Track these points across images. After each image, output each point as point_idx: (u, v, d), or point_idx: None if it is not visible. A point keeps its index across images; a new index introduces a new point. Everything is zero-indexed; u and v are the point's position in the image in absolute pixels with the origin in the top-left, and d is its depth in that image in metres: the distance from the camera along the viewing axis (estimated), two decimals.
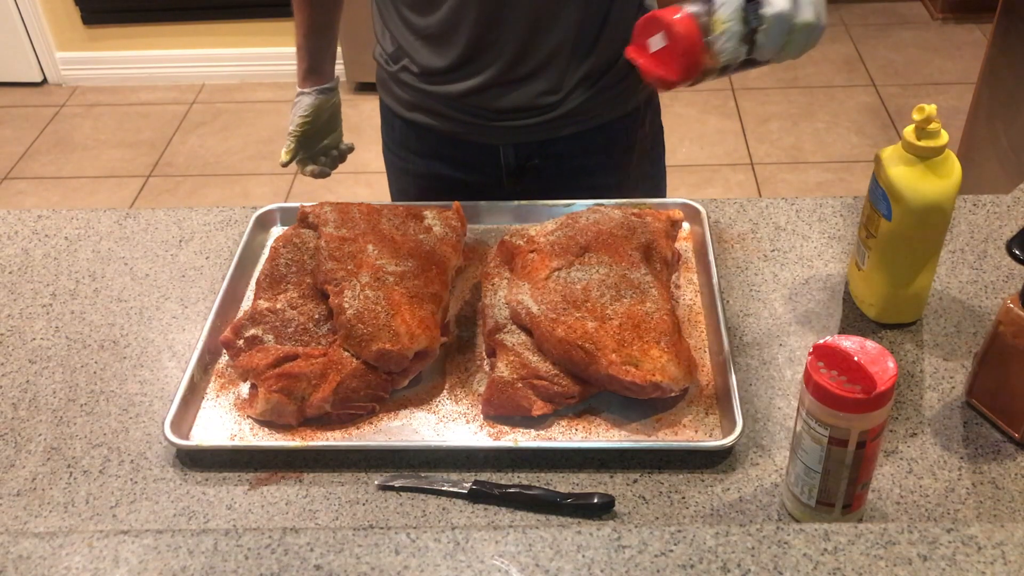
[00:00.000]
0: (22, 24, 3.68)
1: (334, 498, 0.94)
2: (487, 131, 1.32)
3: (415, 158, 1.42)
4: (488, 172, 1.37)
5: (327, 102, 1.39)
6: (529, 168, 1.36)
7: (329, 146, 1.43)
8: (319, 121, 1.40)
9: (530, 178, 1.37)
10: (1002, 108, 2.43)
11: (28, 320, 1.18)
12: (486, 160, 1.36)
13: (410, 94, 1.34)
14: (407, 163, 1.43)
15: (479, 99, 1.28)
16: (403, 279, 1.05)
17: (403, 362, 1.01)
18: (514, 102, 1.28)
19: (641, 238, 1.10)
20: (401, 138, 1.42)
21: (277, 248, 1.14)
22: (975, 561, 0.72)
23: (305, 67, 1.38)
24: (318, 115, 1.39)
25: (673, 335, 0.99)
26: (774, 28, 0.89)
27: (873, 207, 1.05)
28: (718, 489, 0.93)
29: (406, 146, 1.42)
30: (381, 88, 1.42)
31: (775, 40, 0.91)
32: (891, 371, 0.78)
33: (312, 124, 1.38)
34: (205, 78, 3.77)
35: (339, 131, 1.45)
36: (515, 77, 1.26)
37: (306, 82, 1.39)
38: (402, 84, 1.34)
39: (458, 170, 1.39)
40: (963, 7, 3.88)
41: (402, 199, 1.45)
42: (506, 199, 1.31)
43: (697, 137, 3.31)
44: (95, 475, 0.97)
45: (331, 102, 1.41)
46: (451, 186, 1.39)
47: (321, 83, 1.39)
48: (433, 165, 1.40)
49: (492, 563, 0.75)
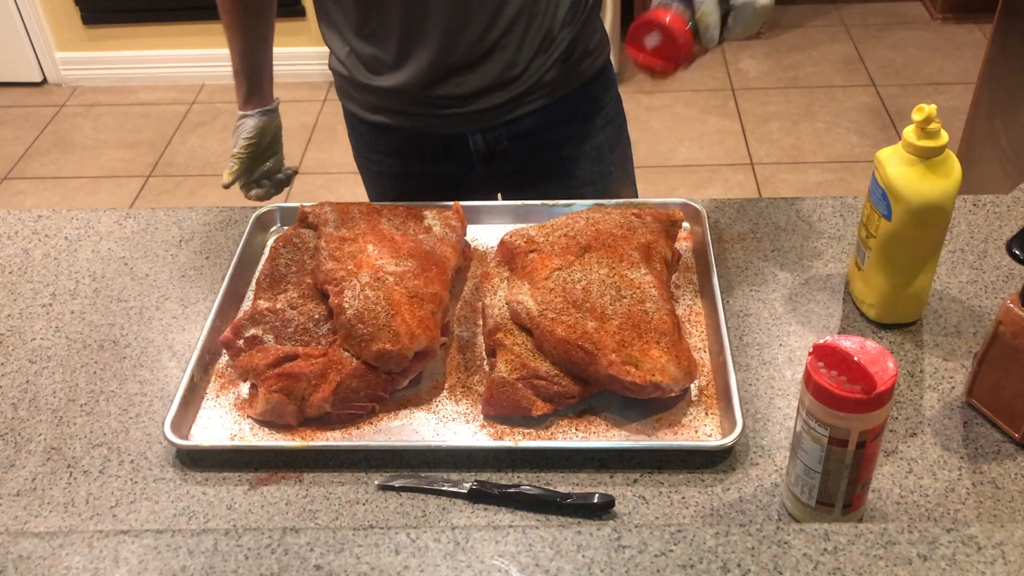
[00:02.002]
0: (22, 24, 3.68)
1: (334, 498, 0.94)
2: (453, 121, 1.35)
3: (386, 159, 1.45)
4: (460, 161, 1.40)
5: (270, 123, 1.41)
6: (499, 151, 1.39)
7: (272, 169, 1.44)
8: (263, 143, 1.41)
9: (500, 160, 1.40)
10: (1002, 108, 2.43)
11: (28, 320, 1.18)
12: (456, 149, 1.38)
13: (369, 97, 1.37)
14: (380, 166, 1.47)
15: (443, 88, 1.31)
16: (403, 279, 1.05)
17: (403, 362, 1.01)
18: (476, 84, 1.30)
19: (641, 238, 1.10)
20: (370, 142, 1.45)
21: (277, 248, 1.15)
22: (975, 561, 0.72)
23: (244, 91, 1.40)
24: (262, 136, 1.40)
25: (673, 335, 0.99)
26: (742, 13, 1.05)
27: (873, 207, 1.05)
28: (718, 489, 0.93)
29: (375, 149, 1.45)
30: (342, 96, 1.45)
31: (743, 22, 1.06)
32: (891, 371, 0.78)
33: (257, 145, 1.39)
34: (205, 78, 3.77)
35: (280, 154, 1.47)
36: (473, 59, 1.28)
37: (247, 105, 1.40)
38: (360, 88, 1.38)
39: (430, 164, 1.42)
40: (963, 7, 3.88)
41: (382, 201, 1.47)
42: (480, 184, 1.36)
43: (697, 137, 3.31)
44: (95, 475, 0.97)
45: (274, 123, 1.42)
46: (426, 181, 1.43)
47: (263, 105, 1.40)
48: (405, 163, 1.44)
49: (492, 563, 0.75)
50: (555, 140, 1.40)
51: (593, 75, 1.40)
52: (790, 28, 3.95)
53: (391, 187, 1.47)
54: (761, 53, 3.79)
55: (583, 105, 1.41)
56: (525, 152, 1.40)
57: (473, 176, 1.42)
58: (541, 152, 1.41)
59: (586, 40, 1.36)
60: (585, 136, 1.42)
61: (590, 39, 1.37)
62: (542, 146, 1.40)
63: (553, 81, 1.34)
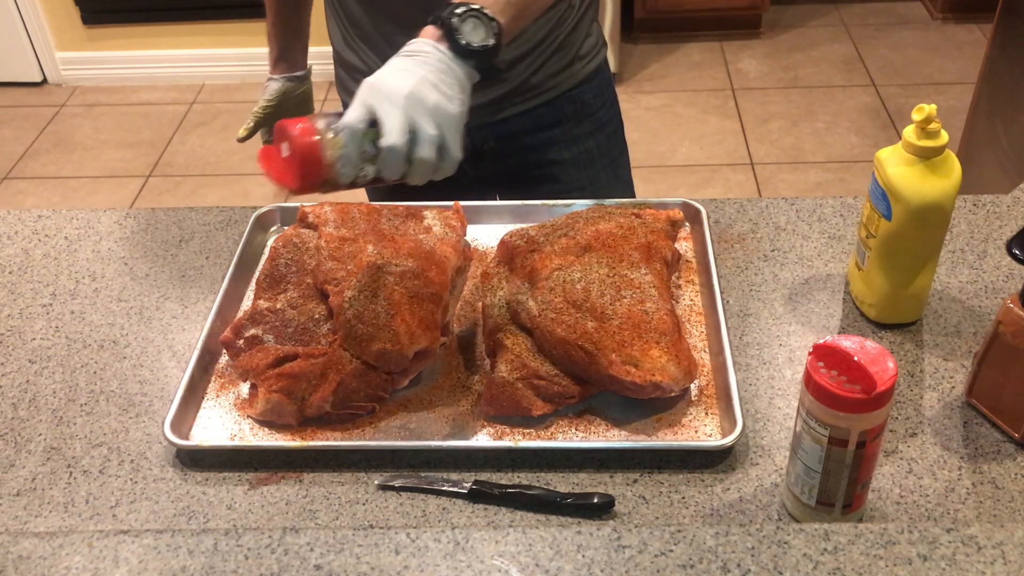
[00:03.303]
0: (22, 24, 3.68)
1: (334, 498, 0.94)
2: None
3: None
4: None
5: (295, 89, 1.41)
6: (486, 151, 1.39)
7: None
8: (285, 107, 1.41)
9: (489, 161, 1.40)
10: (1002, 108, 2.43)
11: (28, 320, 1.18)
12: None
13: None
14: None
15: None
16: (403, 279, 1.05)
17: (403, 362, 1.01)
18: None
19: (641, 238, 1.10)
20: None
21: (277, 248, 1.14)
22: (975, 561, 0.72)
23: (275, 55, 1.41)
24: (283, 101, 1.41)
25: (673, 335, 0.99)
26: (388, 159, 0.90)
27: (873, 207, 1.05)
28: (718, 489, 0.93)
29: None
30: (340, 88, 1.45)
31: (391, 170, 0.92)
32: (891, 371, 0.78)
33: (277, 108, 1.40)
34: (205, 78, 3.77)
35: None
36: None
37: (276, 69, 1.41)
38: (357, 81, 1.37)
39: None
40: (963, 7, 3.88)
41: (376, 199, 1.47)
42: (470, 184, 1.35)
43: (697, 137, 3.31)
44: (95, 475, 0.97)
45: (300, 90, 1.43)
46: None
47: (291, 71, 1.40)
48: None
49: (492, 563, 0.75)
50: (541, 143, 1.40)
51: (583, 79, 1.39)
52: (790, 28, 3.95)
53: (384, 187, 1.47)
54: (761, 53, 3.79)
55: (571, 109, 1.40)
56: (512, 153, 1.40)
57: (463, 176, 1.41)
58: (528, 154, 1.41)
59: (577, 44, 1.35)
60: (572, 141, 1.41)
61: (582, 43, 1.37)
62: (528, 148, 1.40)
63: (540, 84, 1.34)
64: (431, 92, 0.92)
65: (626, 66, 3.72)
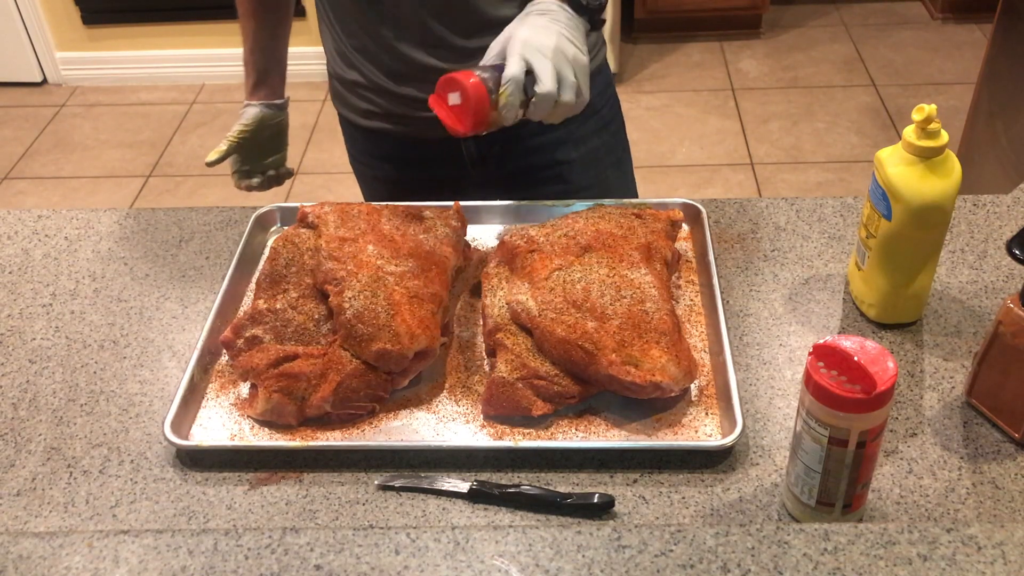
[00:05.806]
0: (22, 24, 3.68)
1: (334, 498, 0.94)
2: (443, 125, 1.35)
3: (381, 164, 1.46)
4: (453, 165, 1.39)
5: (272, 118, 1.40)
6: (491, 155, 1.39)
7: (271, 165, 1.44)
8: (261, 135, 1.40)
9: (494, 165, 1.40)
10: (1002, 108, 2.43)
11: (28, 320, 1.18)
12: (450, 154, 1.38)
13: (365, 103, 1.38)
14: (376, 170, 1.47)
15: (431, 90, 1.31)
16: (403, 279, 1.05)
17: (403, 362, 1.01)
18: None
19: (641, 238, 1.10)
20: (364, 147, 1.46)
21: (277, 248, 1.14)
22: (975, 561, 0.72)
23: (253, 81, 1.40)
24: (259, 128, 1.39)
25: (673, 335, 0.99)
26: (541, 102, 1.08)
27: (873, 207, 1.05)
28: (718, 489, 0.93)
29: (370, 153, 1.46)
30: (337, 101, 1.45)
31: (541, 111, 1.09)
32: (891, 371, 0.78)
33: (252, 136, 1.38)
34: (205, 78, 3.77)
35: (284, 153, 1.46)
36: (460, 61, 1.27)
37: (254, 95, 1.40)
38: (356, 94, 1.38)
39: (424, 168, 1.42)
40: (963, 7, 3.88)
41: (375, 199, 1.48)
42: (475, 188, 1.36)
43: (697, 137, 3.31)
44: (95, 475, 0.97)
45: (276, 119, 1.41)
46: (420, 185, 1.42)
47: (270, 99, 1.39)
48: (400, 168, 1.44)
49: (492, 563, 0.75)
50: (548, 144, 1.40)
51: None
52: (790, 28, 3.95)
53: (386, 191, 1.48)
54: (761, 53, 3.79)
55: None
56: (518, 156, 1.40)
57: (467, 180, 1.42)
58: (534, 156, 1.41)
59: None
60: (579, 140, 1.41)
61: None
62: (535, 150, 1.40)
63: None
64: (569, 45, 1.08)
65: (626, 66, 3.72)
